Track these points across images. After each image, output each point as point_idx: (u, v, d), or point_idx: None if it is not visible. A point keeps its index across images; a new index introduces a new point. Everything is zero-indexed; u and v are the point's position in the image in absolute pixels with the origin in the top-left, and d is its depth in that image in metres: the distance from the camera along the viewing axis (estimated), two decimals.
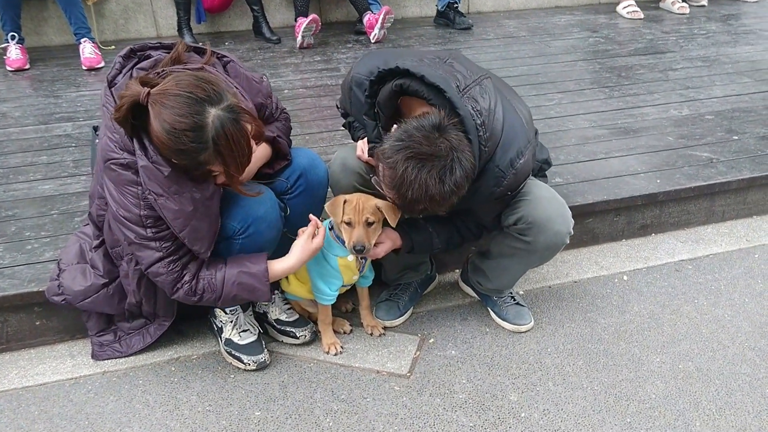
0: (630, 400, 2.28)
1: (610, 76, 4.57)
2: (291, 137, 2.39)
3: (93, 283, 2.28)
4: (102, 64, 4.79)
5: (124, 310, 2.37)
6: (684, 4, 6.38)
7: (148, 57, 2.06)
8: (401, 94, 2.02)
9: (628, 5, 6.22)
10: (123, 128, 1.91)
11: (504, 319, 2.59)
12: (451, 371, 2.39)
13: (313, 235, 2.21)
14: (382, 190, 2.04)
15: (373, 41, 5.31)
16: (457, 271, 2.94)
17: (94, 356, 2.42)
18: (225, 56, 2.14)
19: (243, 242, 2.17)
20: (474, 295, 2.75)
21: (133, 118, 1.87)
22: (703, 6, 6.62)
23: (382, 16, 5.16)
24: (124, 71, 2.02)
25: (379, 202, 2.20)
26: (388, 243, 2.30)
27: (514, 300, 2.62)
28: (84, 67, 4.72)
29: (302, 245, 2.21)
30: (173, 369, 2.40)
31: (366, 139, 2.27)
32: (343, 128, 2.62)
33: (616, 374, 2.38)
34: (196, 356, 2.46)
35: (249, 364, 2.36)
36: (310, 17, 5.06)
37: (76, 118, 3.89)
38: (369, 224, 2.19)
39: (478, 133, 1.96)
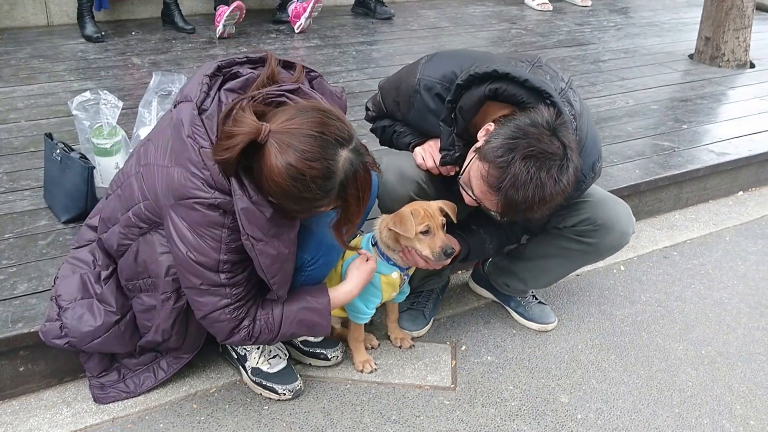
0: (671, 390, 2.37)
1: None
2: None
3: (104, 321, 2.00)
4: None
5: (135, 346, 2.09)
6: None
7: (236, 75, 1.81)
8: (491, 100, 1.95)
9: None
10: (226, 167, 1.67)
11: (530, 320, 2.60)
12: (494, 378, 2.36)
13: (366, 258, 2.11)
14: (470, 193, 1.95)
15: (297, 31, 5.13)
16: (461, 272, 2.92)
17: (97, 400, 2.12)
18: (312, 71, 1.93)
19: (310, 273, 2.02)
20: (489, 296, 2.74)
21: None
22: None
23: (311, 6, 4.99)
24: (211, 94, 1.75)
25: (438, 203, 2.13)
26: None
27: (536, 299, 2.64)
28: None
29: (358, 267, 2.09)
30: (195, 406, 2.15)
31: (425, 145, 2.19)
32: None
33: (650, 366, 2.47)
34: (215, 389, 2.23)
35: (284, 394, 2.18)
36: (234, 4, 4.76)
37: None
38: (443, 226, 2.10)
39: None
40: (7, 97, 3.69)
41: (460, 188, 2.02)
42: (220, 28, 4.83)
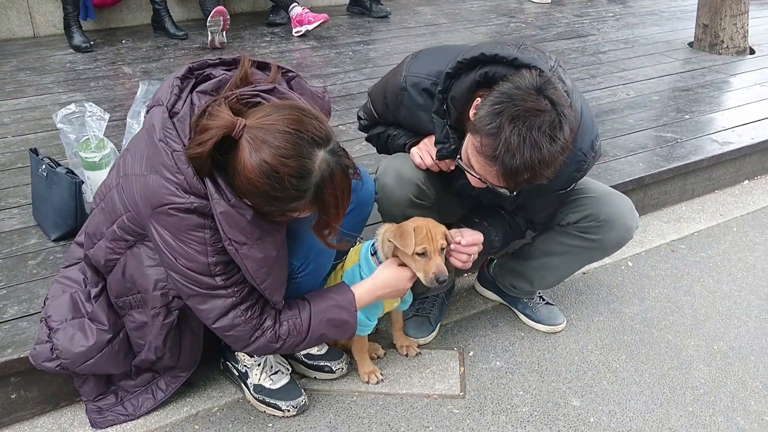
0: (684, 388, 2.33)
1: None
2: None
3: (97, 341, 1.95)
4: None
5: (130, 366, 2.05)
6: None
7: (208, 77, 1.77)
8: (482, 86, 1.90)
9: None
10: (199, 166, 1.63)
11: (538, 321, 2.56)
12: (503, 384, 2.32)
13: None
14: (472, 171, 1.89)
15: (296, 35, 5.08)
16: (467, 275, 2.87)
17: (94, 424, 2.07)
18: (289, 71, 1.89)
19: (301, 280, 1.97)
20: (495, 299, 2.70)
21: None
22: None
23: (319, 22, 4.98)
24: (183, 96, 1.72)
25: (444, 228, 2.08)
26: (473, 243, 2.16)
27: (544, 300, 2.60)
28: None
29: (389, 266, 2.05)
30: (197, 427, 2.11)
31: (420, 144, 2.15)
32: None
33: (661, 364, 2.43)
34: (218, 408, 2.19)
35: (289, 410, 2.13)
36: (214, 9, 4.64)
37: None
38: (441, 250, 2.05)
39: None
40: None
41: (464, 171, 1.96)
42: (209, 36, 4.76)
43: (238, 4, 5.59)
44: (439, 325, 2.54)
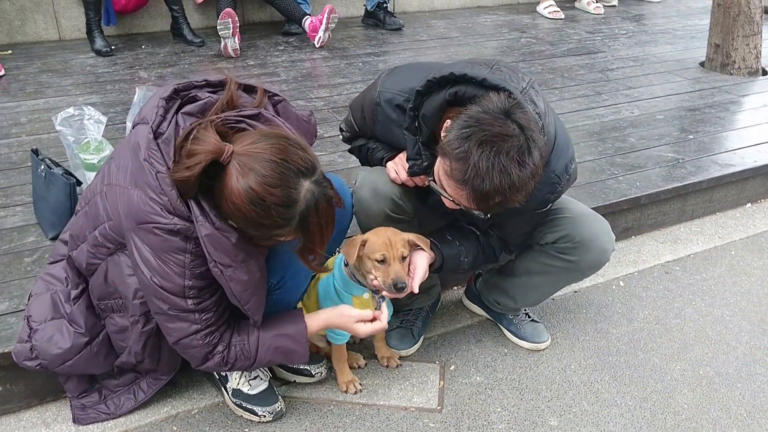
0: (665, 412, 2.26)
1: (554, 78, 4.64)
2: None
3: (74, 344, 1.94)
4: (2, 72, 4.24)
5: (112, 366, 2.04)
6: (599, 4, 6.65)
7: (194, 98, 1.76)
8: (453, 104, 1.87)
9: (549, 5, 6.39)
10: (186, 189, 1.62)
11: (522, 338, 2.50)
12: (482, 400, 2.27)
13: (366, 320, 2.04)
14: (444, 193, 1.86)
15: (318, 45, 5.05)
16: (456, 288, 2.83)
17: (76, 420, 2.07)
18: (276, 95, 1.88)
19: (277, 297, 1.95)
20: (482, 314, 2.65)
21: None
22: (614, 6, 6.93)
23: (326, 16, 4.93)
24: (168, 117, 1.71)
25: (411, 236, 2.05)
26: (423, 263, 2.12)
27: (529, 317, 2.54)
28: None
29: (337, 310, 2.02)
30: (175, 428, 2.10)
31: (396, 159, 2.11)
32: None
33: (644, 387, 2.36)
34: (197, 410, 2.17)
35: (264, 416, 2.11)
36: (223, 11, 4.58)
37: None
38: (402, 258, 2.02)
39: None
40: (12, 111, 3.69)
41: (437, 193, 1.93)
42: (222, 42, 4.75)
43: (255, 13, 5.60)
44: (422, 338, 2.50)
